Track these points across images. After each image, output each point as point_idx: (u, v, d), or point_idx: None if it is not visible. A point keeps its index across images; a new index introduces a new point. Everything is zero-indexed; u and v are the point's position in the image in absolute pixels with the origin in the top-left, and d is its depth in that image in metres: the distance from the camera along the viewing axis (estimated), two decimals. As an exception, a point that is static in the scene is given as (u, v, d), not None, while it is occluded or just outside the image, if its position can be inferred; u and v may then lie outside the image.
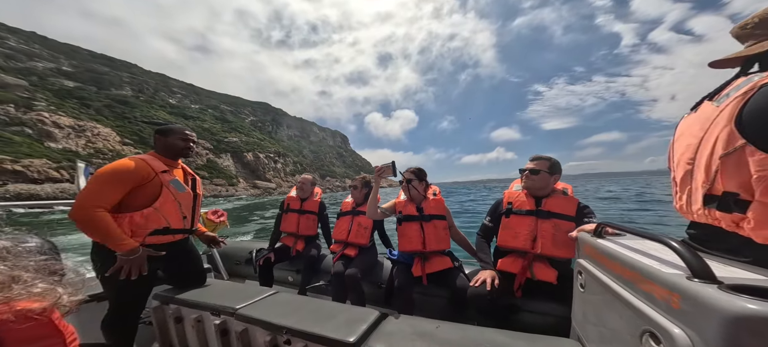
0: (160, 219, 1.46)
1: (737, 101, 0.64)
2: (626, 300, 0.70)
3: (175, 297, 1.55)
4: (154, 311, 1.61)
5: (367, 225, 2.20)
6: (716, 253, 0.73)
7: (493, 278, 1.51)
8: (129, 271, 1.33)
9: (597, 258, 0.92)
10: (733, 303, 0.47)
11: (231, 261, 2.60)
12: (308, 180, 2.65)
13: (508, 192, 1.77)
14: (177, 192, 1.52)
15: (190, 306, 1.50)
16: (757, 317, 0.44)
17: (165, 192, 1.47)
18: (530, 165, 1.64)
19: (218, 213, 2.48)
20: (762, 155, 0.59)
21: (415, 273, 1.79)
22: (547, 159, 1.63)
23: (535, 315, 1.54)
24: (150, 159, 1.49)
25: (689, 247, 0.61)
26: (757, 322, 0.44)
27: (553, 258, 1.53)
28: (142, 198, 1.43)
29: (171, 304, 1.56)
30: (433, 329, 1.11)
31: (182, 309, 1.54)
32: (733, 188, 0.65)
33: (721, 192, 0.68)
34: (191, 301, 1.50)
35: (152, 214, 1.44)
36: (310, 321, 1.21)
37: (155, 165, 1.47)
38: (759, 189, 0.60)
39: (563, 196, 1.61)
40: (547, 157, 1.64)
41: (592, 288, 0.93)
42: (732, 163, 0.64)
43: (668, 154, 0.89)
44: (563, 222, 1.52)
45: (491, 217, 1.77)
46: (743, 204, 0.64)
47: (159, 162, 1.51)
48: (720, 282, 0.53)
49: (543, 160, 1.62)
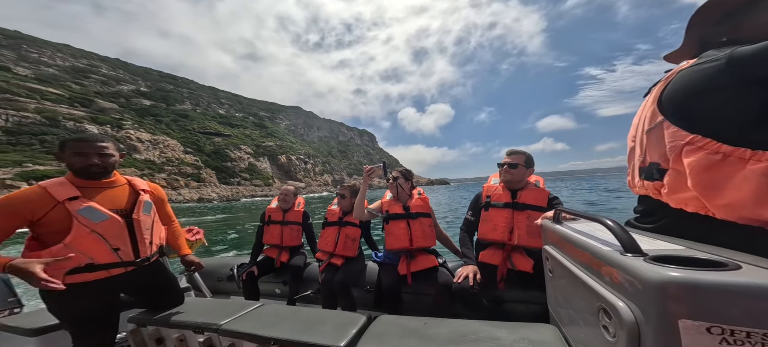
0: (77, 256, 1.18)
1: (662, 84, 0.74)
2: (583, 281, 0.74)
3: (153, 318, 1.46)
4: (131, 335, 1.53)
5: (355, 237, 2.15)
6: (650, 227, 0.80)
7: (476, 273, 1.56)
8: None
9: (558, 244, 0.96)
10: (655, 272, 0.51)
11: (212, 279, 2.53)
12: (290, 190, 2.62)
13: (486, 186, 1.83)
14: (91, 222, 1.21)
15: (170, 326, 1.42)
16: (677, 283, 0.48)
17: (76, 224, 1.18)
18: (508, 159, 1.70)
19: (193, 231, 2.23)
20: (674, 129, 0.69)
21: (401, 272, 1.82)
22: (523, 153, 1.70)
23: (519, 304, 1.61)
24: (53, 184, 1.20)
25: (620, 225, 0.66)
26: (677, 288, 0.48)
27: (528, 248, 1.60)
28: (51, 234, 1.17)
29: (149, 326, 1.47)
30: (420, 326, 1.13)
31: (162, 329, 1.46)
32: (655, 159, 0.75)
33: (647, 164, 0.77)
34: (172, 321, 1.42)
35: (63, 251, 1.15)
36: (298, 329, 1.20)
37: (57, 191, 1.18)
38: (671, 157, 0.69)
39: (536, 188, 1.68)
40: (522, 151, 1.71)
41: (558, 273, 0.97)
42: (654, 137, 0.75)
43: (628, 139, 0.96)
44: (536, 213, 1.57)
45: (473, 211, 1.83)
46: (662, 172, 0.73)
47: (68, 186, 1.21)
48: (645, 254, 0.58)
49: (519, 154, 1.70)
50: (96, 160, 1.25)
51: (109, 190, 1.31)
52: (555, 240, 1.00)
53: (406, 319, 1.22)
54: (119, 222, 1.29)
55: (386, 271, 1.88)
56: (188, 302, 1.64)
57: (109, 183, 1.32)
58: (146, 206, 1.41)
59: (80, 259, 1.20)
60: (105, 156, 1.28)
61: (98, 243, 1.24)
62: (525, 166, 1.68)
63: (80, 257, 1.20)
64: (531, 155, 1.72)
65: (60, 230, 1.17)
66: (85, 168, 1.24)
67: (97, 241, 1.23)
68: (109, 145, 1.30)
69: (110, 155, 1.30)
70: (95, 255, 1.24)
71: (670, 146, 0.69)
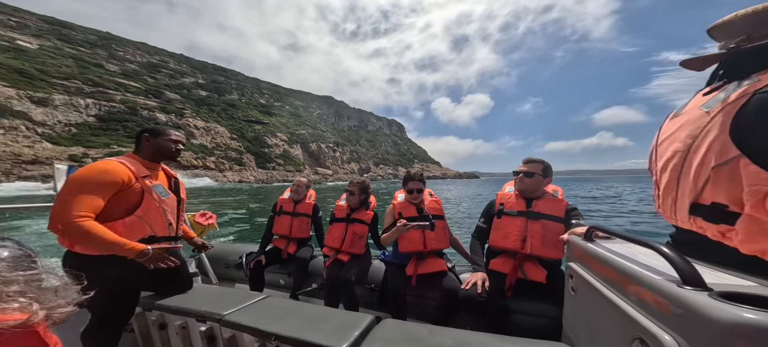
0: (144, 227, 1.36)
1: (729, 109, 0.62)
2: (617, 306, 0.69)
3: (159, 304, 1.49)
4: (136, 318, 1.57)
5: (362, 234, 2.14)
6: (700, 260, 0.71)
7: (484, 280, 1.54)
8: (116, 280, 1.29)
9: (588, 263, 0.92)
10: (726, 312, 0.46)
11: (220, 264, 2.55)
12: (303, 182, 2.61)
13: (500, 194, 1.80)
14: (161, 198, 1.42)
15: (174, 313, 1.45)
16: (752, 326, 0.44)
17: (147, 198, 1.36)
18: (524, 167, 1.67)
19: (207, 216, 2.40)
20: (755, 168, 0.57)
21: (408, 273, 1.81)
22: (541, 162, 1.67)
23: (526, 316, 1.55)
24: (130, 162, 1.36)
25: (679, 254, 0.60)
26: (751, 331, 0.44)
27: (542, 259, 1.56)
28: (123, 206, 1.31)
29: (154, 310, 1.51)
30: (425, 334, 1.11)
31: (166, 315, 1.50)
32: (722, 199, 0.63)
33: (709, 203, 0.66)
34: (175, 307, 1.45)
35: (136, 223, 1.32)
36: (300, 326, 1.19)
37: (136, 169, 1.36)
38: (750, 202, 0.58)
39: (553, 198, 1.64)
40: (539, 160, 1.68)
41: (584, 292, 0.92)
42: (724, 174, 0.62)
43: (650, 157, 0.88)
44: (552, 223, 1.55)
45: (485, 219, 1.80)
46: (732, 216, 0.62)
47: (140, 166, 1.39)
48: (710, 289, 0.53)
49: (536, 163, 1.66)
50: (180, 146, 1.53)
51: (160, 173, 1.53)
52: (583, 258, 0.95)
53: (411, 325, 1.20)
54: (174, 199, 1.53)
55: (393, 272, 1.88)
56: (195, 288, 1.69)
57: (159, 167, 1.54)
58: (184, 188, 1.64)
59: (146, 231, 1.37)
60: (182, 145, 1.54)
61: (161, 217, 1.43)
62: (542, 175, 1.65)
63: (147, 229, 1.37)
64: (549, 164, 1.68)
65: (131, 203, 1.33)
66: (173, 152, 1.50)
67: (161, 215, 1.43)
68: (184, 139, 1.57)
69: (183, 145, 1.55)
70: (157, 228, 1.42)
71: (749, 189, 0.58)
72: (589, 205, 16.73)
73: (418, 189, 1.96)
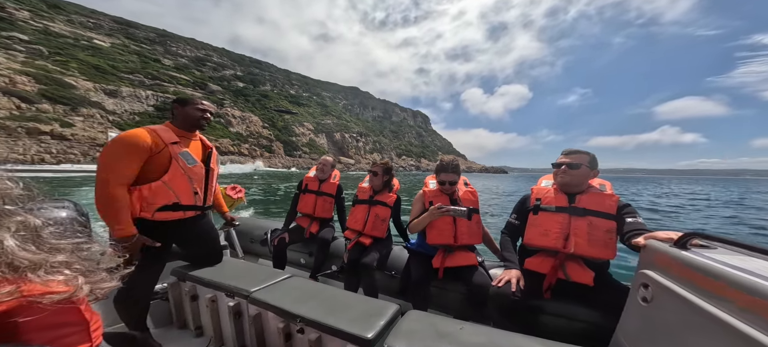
0: (168, 193, 1.39)
1: None
2: (735, 329, 0.61)
3: (192, 275, 1.55)
4: (170, 287, 1.63)
5: (385, 217, 2.10)
6: None
7: (519, 278, 1.43)
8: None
9: (682, 274, 0.82)
10: None
11: (246, 239, 2.62)
12: (328, 161, 2.58)
13: (536, 188, 1.67)
14: (186, 165, 1.44)
15: (205, 285, 1.51)
16: None
17: (174, 164, 1.40)
18: (566, 159, 1.51)
19: (237, 189, 2.47)
20: None
21: (435, 265, 1.72)
22: (586, 153, 1.50)
23: (562, 319, 1.43)
24: (161, 129, 1.41)
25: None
26: None
27: (587, 259, 1.42)
28: (151, 171, 1.36)
29: (187, 281, 1.58)
30: (456, 330, 1.06)
31: (198, 287, 1.56)
32: None
33: None
34: (206, 280, 1.50)
35: (160, 188, 1.37)
36: (324, 310, 1.19)
37: (165, 135, 1.40)
38: None
39: (600, 193, 1.48)
40: (584, 151, 1.51)
41: (665, 306, 0.85)
42: None
43: None
44: (600, 220, 1.41)
45: (517, 215, 1.67)
46: None
47: (170, 133, 1.44)
48: None
49: (581, 154, 1.50)
50: (207, 115, 1.56)
51: (194, 142, 1.56)
52: (673, 268, 0.86)
53: (440, 319, 1.15)
54: (203, 168, 1.55)
55: (418, 261, 1.79)
56: (224, 262, 1.74)
57: (193, 136, 1.57)
58: (217, 160, 1.67)
59: (170, 197, 1.41)
60: (211, 115, 1.58)
61: (186, 184, 1.45)
62: (589, 166, 1.48)
63: (171, 195, 1.41)
64: (595, 156, 1.51)
65: (160, 168, 1.37)
66: (198, 120, 1.52)
67: (186, 182, 1.45)
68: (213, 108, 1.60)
69: (212, 115, 1.59)
70: (182, 195, 1.45)
71: None
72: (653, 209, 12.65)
73: (451, 181, 1.81)
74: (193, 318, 1.61)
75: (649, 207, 13.11)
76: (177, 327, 1.71)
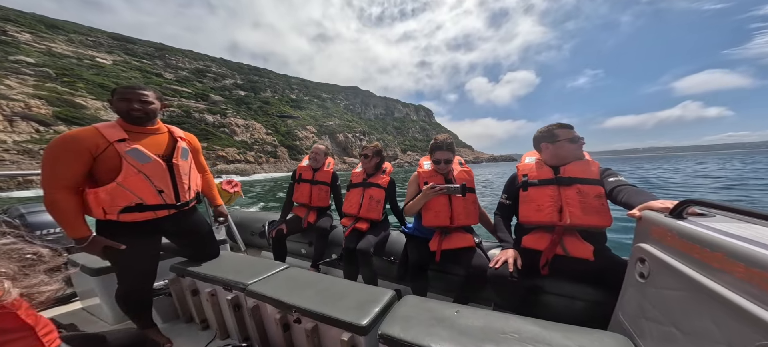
0: (127, 194, 1.30)
1: None
2: (733, 304, 0.58)
3: (190, 270, 1.56)
4: (171, 283, 1.67)
5: (380, 199, 2.11)
6: None
7: (516, 258, 1.41)
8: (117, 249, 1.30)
9: (679, 246, 0.78)
10: None
11: (246, 232, 2.64)
12: (321, 149, 2.56)
13: (521, 165, 1.64)
14: (139, 163, 1.32)
15: (203, 280, 1.53)
16: None
17: (125, 164, 1.29)
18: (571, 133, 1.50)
19: (232, 183, 2.45)
20: None
21: (432, 248, 1.70)
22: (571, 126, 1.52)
23: (562, 298, 1.41)
24: (106, 126, 1.30)
25: None
26: None
27: (584, 230, 1.40)
28: (104, 172, 1.27)
29: (186, 277, 1.60)
30: (452, 313, 1.04)
31: (197, 282, 1.58)
32: None
33: None
34: (204, 275, 1.52)
35: (116, 190, 1.28)
36: (320, 300, 1.20)
37: (109, 133, 1.28)
38: None
39: (582, 160, 1.49)
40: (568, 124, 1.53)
41: (664, 281, 0.81)
42: None
43: None
44: (587, 186, 1.40)
45: (508, 194, 1.66)
46: None
47: (117, 130, 1.31)
48: None
49: (572, 129, 1.50)
50: (136, 105, 1.35)
51: (152, 136, 1.42)
52: (667, 240, 0.82)
53: (435, 303, 1.14)
54: (161, 165, 1.40)
55: (415, 245, 1.78)
56: (223, 256, 1.74)
57: (153, 130, 1.43)
58: (184, 152, 1.51)
59: (131, 198, 1.32)
60: (145, 102, 1.37)
61: (145, 183, 1.35)
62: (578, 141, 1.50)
63: (131, 196, 1.32)
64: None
65: (112, 169, 1.28)
66: (128, 112, 1.35)
67: (144, 182, 1.34)
68: (150, 94, 1.39)
69: (150, 102, 1.38)
70: (143, 195, 1.35)
71: None
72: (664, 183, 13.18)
73: (446, 159, 1.78)
74: (197, 312, 1.65)
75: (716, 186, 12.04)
76: (184, 322, 1.75)
